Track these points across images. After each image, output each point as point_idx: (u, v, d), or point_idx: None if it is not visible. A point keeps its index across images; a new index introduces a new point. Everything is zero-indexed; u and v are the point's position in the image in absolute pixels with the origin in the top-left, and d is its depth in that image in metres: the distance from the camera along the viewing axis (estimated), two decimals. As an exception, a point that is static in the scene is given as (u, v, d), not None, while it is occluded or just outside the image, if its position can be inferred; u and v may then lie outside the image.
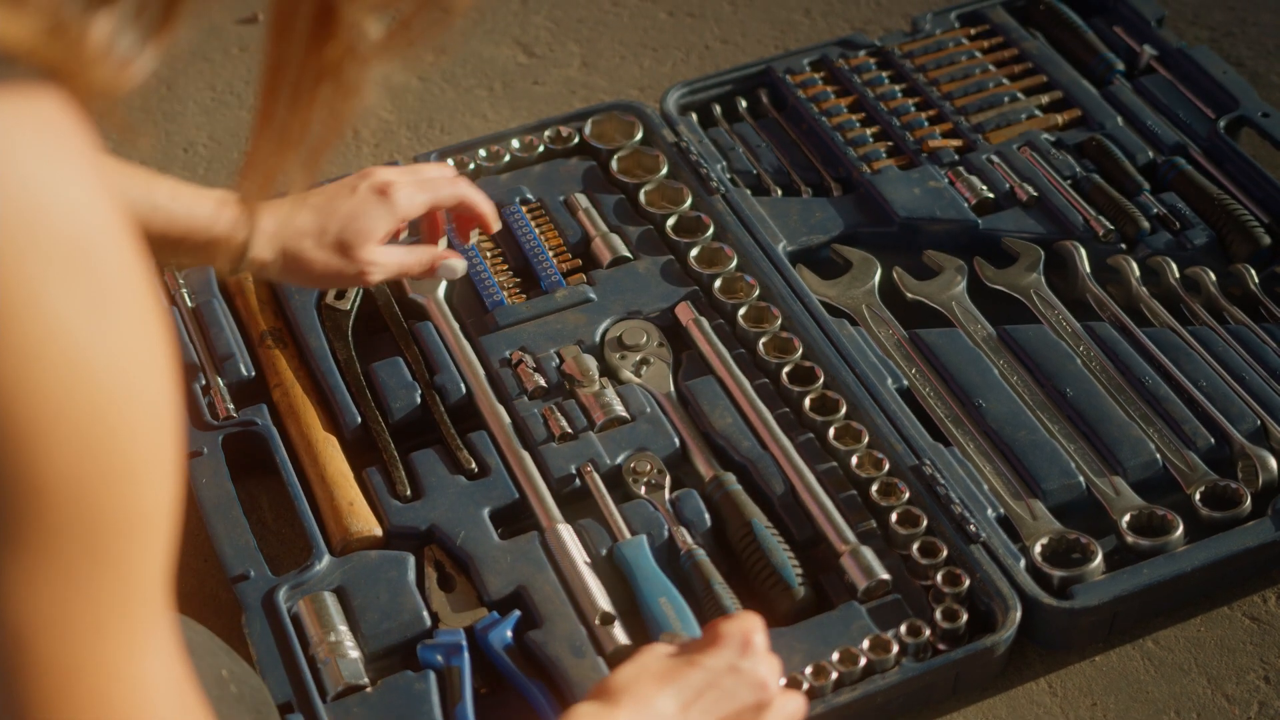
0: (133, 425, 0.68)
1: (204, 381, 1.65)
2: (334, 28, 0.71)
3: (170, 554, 0.72)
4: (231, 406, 1.63)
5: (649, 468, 1.58)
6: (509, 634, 1.44)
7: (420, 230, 1.63)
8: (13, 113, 0.64)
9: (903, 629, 1.43)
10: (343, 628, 1.44)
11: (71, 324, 0.65)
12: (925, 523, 1.51)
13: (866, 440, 1.59)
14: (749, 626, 1.23)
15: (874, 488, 1.54)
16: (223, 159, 2.05)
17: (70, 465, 0.65)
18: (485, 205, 1.60)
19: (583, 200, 1.86)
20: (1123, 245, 1.80)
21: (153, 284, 0.71)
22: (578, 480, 1.58)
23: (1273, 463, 1.56)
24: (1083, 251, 1.78)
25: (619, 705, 1.14)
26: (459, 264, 1.60)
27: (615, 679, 1.17)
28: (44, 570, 0.66)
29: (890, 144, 1.94)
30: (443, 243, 1.63)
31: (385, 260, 1.52)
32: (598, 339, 1.71)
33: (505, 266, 1.79)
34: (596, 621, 1.44)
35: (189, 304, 1.72)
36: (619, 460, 1.59)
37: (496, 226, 1.63)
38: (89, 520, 0.67)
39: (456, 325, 1.72)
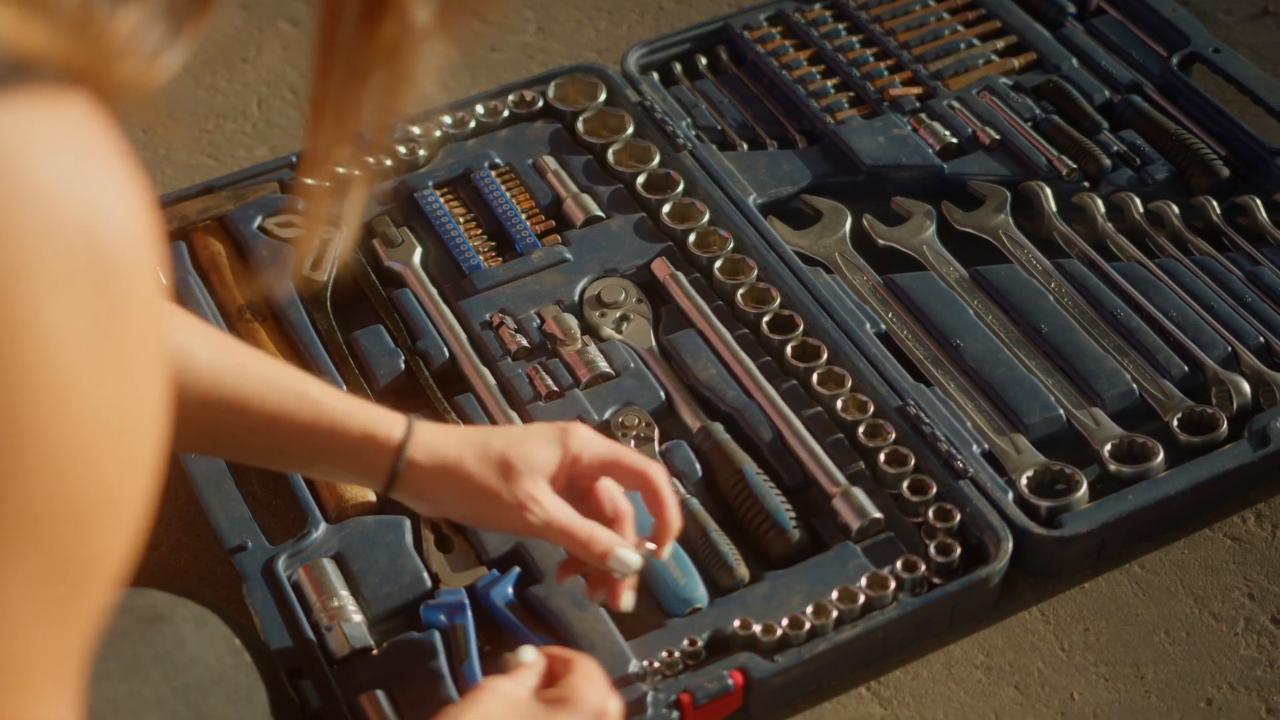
0: (110, 467, 0.63)
1: (186, 358, 1.64)
2: (386, 6, 0.69)
3: (109, 605, 0.67)
4: (215, 381, 1.62)
5: (637, 421, 1.59)
6: (510, 590, 1.45)
7: (590, 502, 1.35)
8: (33, 118, 0.60)
9: (899, 565, 1.45)
10: (344, 593, 1.44)
11: (69, 348, 0.60)
12: (913, 461, 1.54)
13: (850, 384, 1.61)
14: (605, 697, 1.17)
15: (860, 430, 1.57)
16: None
17: (34, 498, 0.60)
18: (673, 512, 1.34)
19: (551, 162, 1.86)
20: (1086, 183, 1.83)
21: (165, 306, 0.66)
22: (567, 437, 1.59)
23: (1246, 387, 1.59)
24: (1048, 191, 1.81)
25: None
26: (632, 559, 1.30)
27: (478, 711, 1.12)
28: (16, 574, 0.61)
29: (852, 94, 1.96)
30: (629, 531, 1.34)
31: (549, 505, 1.28)
32: (576, 298, 1.72)
33: (479, 231, 1.80)
34: (597, 574, 1.45)
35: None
36: (606, 415, 1.60)
37: (666, 552, 1.36)
38: (43, 559, 0.61)
39: (435, 291, 1.72)
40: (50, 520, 0.61)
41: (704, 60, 2.03)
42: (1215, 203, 1.79)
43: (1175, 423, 1.57)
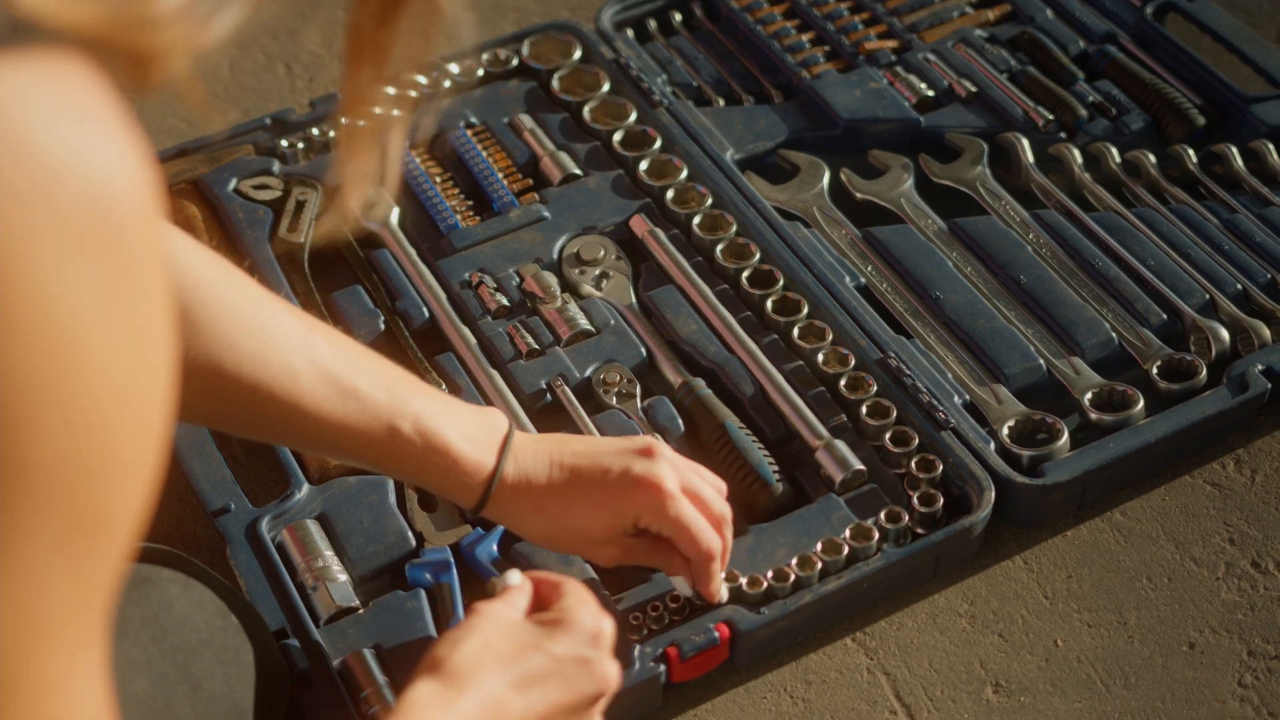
0: (122, 425, 0.63)
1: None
2: None
3: (127, 559, 0.67)
4: (194, 345, 1.61)
5: (619, 378, 1.59)
6: (495, 548, 1.45)
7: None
8: (33, 78, 0.59)
9: (882, 516, 1.45)
10: (328, 553, 1.44)
11: (74, 307, 0.60)
12: (895, 413, 1.54)
13: (830, 338, 1.61)
14: (599, 618, 1.16)
15: (842, 383, 1.57)
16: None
17: (49, 459, 0.60)
18: (728, 554, 1.33)
19: (527, 121, 1.85)
20: (1062, 134, 1.83)
21: (170, 269, 0.65)
22: (549, 395, 1.59)
23: (1224, 334, 1.60)
24: (1025, 142, 1.81)
25: (462, 692, 1.07)
26: (684, 588, 1.36)
27: (456, 657, 1.08)
28: (3, 571, 0.61)
29: (827, 49, 1.95)
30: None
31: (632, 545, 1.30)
32: (555, 256, 1.72)
33: (456, 190, 1.79)
34: (581, 530, 1.45)
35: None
36: (588, 373, 1.60)
37: (718, 598, 1.36)
38: (60, 518, 0.62)
39: (413, 251, 1.72)
40: (64, 479, 0.61)
41: (679, 16, 2.02)
42: (1191, 151, 1.79)
43: (1155, 370, 1.58)
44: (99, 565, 0.65)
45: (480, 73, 1.92)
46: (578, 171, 1.80)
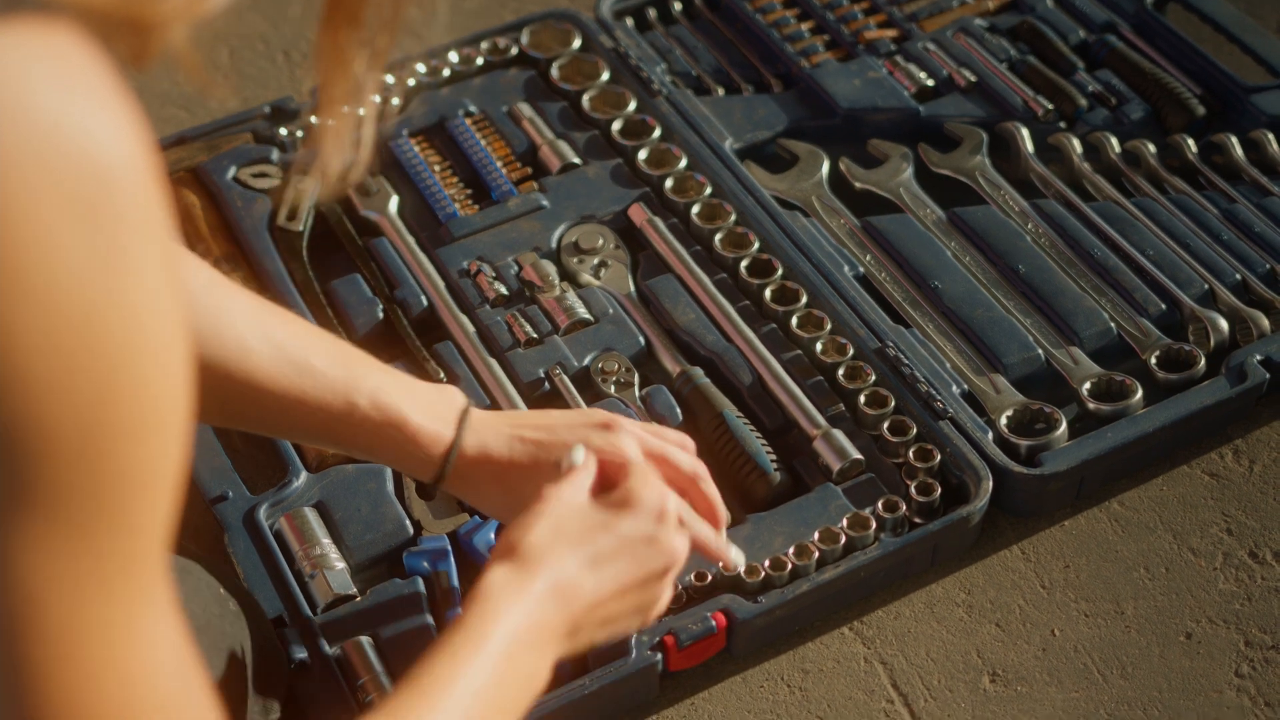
0: (143, 379, 0.64)
1: (162, 310, 1.63)
2: None
3: (175, 508, 0.69)
4: (192, 333, 1.61)
5: (617, 367, 1.59)
6: (493, 536, 1.45)
7: None
8: (31, 43, 0.60)
9: (879, 505, 1.46)
10: (326, 541, 1.44)
11: (84, 268, 0.61)
12: (893, 403, 1.54)
13: (829, 327, 1.61)
14: (664, 495, 1.16)
15: (840, 372, 1.57)
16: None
17: (77, 420, 0.62)
18: (721, 511, 1.29)
19: (526, 109, 1.85)
20: (1062, 124, 1.83)
21: (171, 227, 0.67)
22: (547, 384, 1.59)
23: (1223, 324, 1.60)
24: (1024, 132, 1.81)
25: (535, 574, 1.08)
26: (739, 556, 1.30)
27: (529, 540, 1.09)
28: (51, 530, 0.64)
29: (827, 38, 1.95)
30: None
31: None
32: (554, 245, 1.72)
33: (455, 179, 1.79)
34: (579, 518, 1.45)
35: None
36: (586, 361, 1.60)
37: (729, 562, 1.30)
38: (96, 477, 0.64)
39: (412, 239, 1.72)
40: (93, 439, 0.63)
41: (678, 5, 2.02)
42: (1191, 141, 1.79)
43: (1153, 360, 1.58)
44: (146, 516, 0.67)
45: (479, 61, 1.92)
46: (576, 160, 1.80)
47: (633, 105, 1.85)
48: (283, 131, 1.80)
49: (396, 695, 0.99)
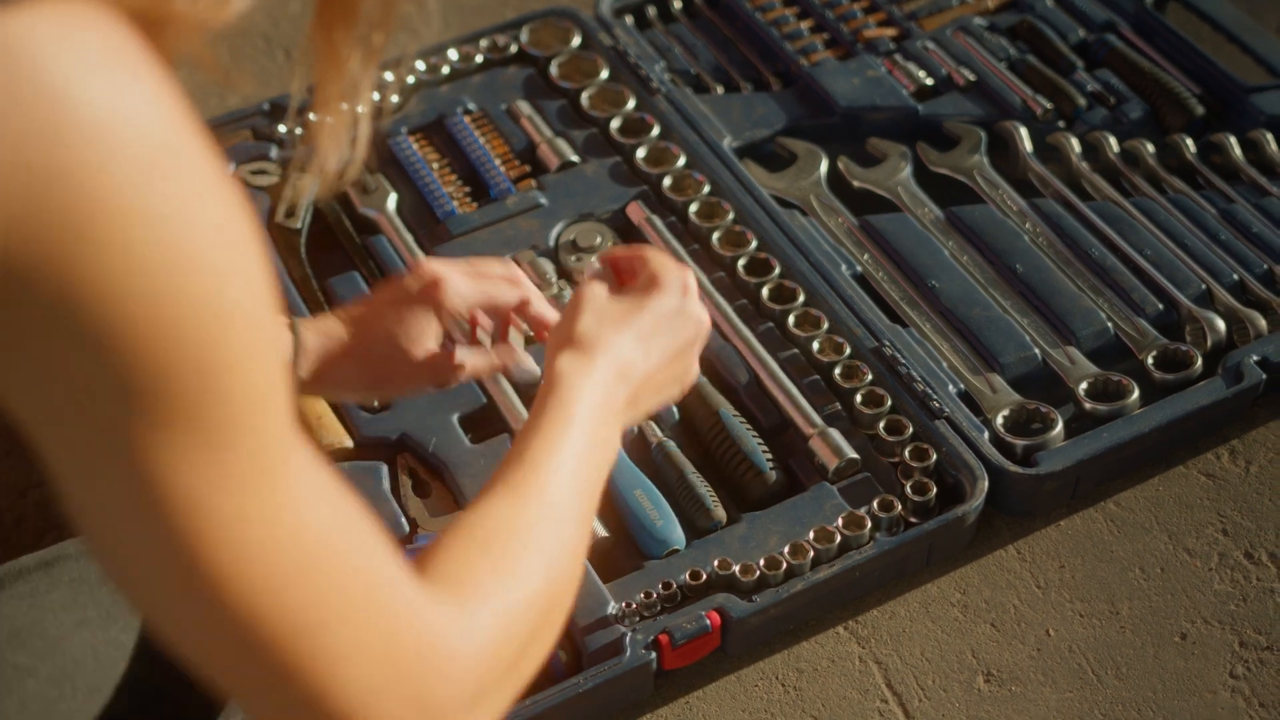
0: (235, 300, 0.71)
1: (160, 306, 1.63)
2: None
3: (286, 385, 0.76)
4: (190, 330, 1.62)
5: (614, 365, 1.59)
6: (489, 535, 1.45)
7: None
8: (73, 26, 0.66)
9: (875, 505, 1.46)
10: (322, 539, 1.44)
11: (170, 222, 0.68)
12: (889, 402, 1.54)
13: (826, 326, 1.61)
14: (681, 272, 1.25)
15: (837, 371, 1.57)
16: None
17: (189, 347, 0.69)
18: (549, 313, 1.35)
19: (525, 107, 1.85)
20: (1061, 123, 1.83)
21: (225, 168, 0.72)
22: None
23: (1220, 324, 1.60)
24: (1023, 131, 1.81)
25: (595, 355, 1.16)
26: (532, 364, 1.39)
27: (579, 328, 1.18)
28: (192, 444, 0.71)
29: (826, 36, 1.95)
30: (518, 341, 1.37)
31: (467, 362, 1.34)
32: (551, 243, 1.72)
33: (453, 177, 1.79)
34: (574, 517, 1.46)
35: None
36: (583, 360, 1.60)
37: (552, 318, 1.36)
38: (217, 390, 0.71)
39: (410, 237, 1.72)
40: (211, 362, 0.70)
41: (678, 3, 2.02)
42: (1190, 141, 1.79)
43: (1150, 360, 1.58)
44: (270, 411, 0.74)
45: (479, 59, 1.92)
46: (575, 158, 1.80)
47: (632, 103, 1.85)
48: (281, 129, 1.81)
49: (504, 472, 1.04)
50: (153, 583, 0.75)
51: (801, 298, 1.64)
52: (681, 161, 1.78)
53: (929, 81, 1.87)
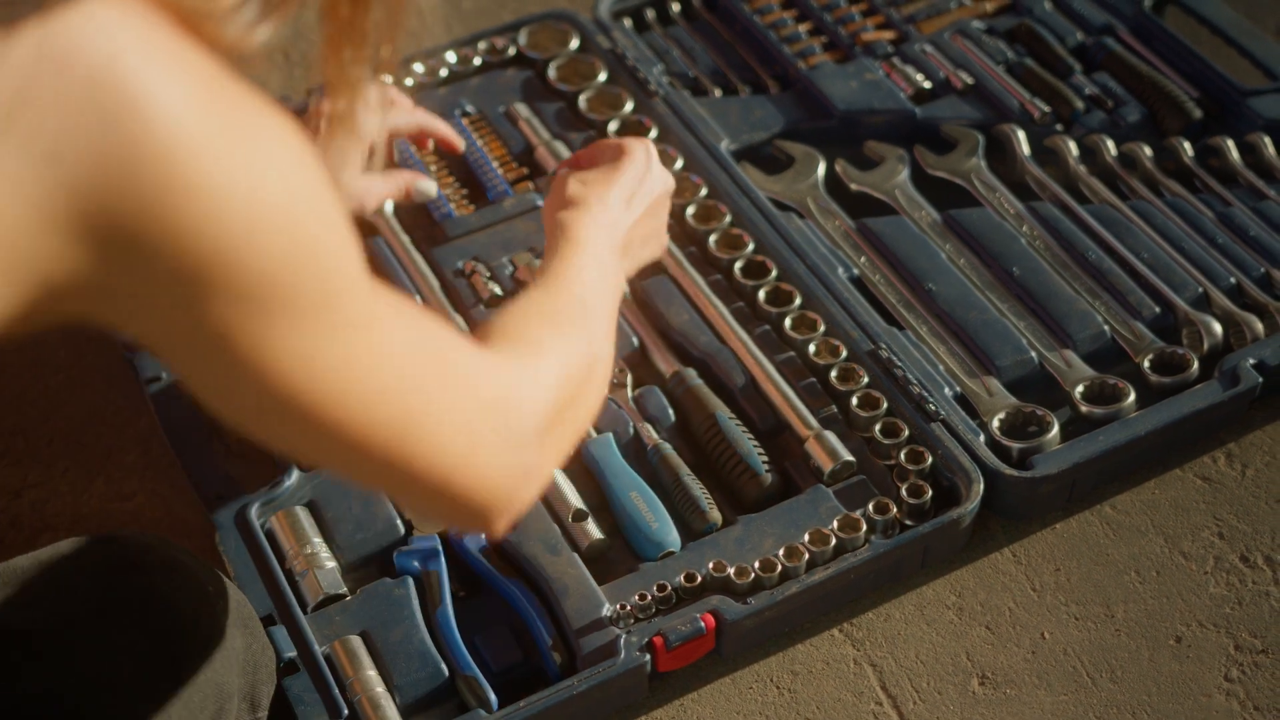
0: (309, 201, 0.83)
1: (157, 308, 1.64)
2: None
3: (360, 252, 0.89)
4: (187, 331, 1.62)
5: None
6: (484, 537, 1.45)
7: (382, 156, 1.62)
8: (125, 18, 0.75)
9: (870, 507, 1.46)
10: (317, 540, 1.45)
11: (230, 155, 0.78)
12: (885, 405, 1.54)
13: (822, 329, 1.61)
14: (641, 141, 1.42)
15: (833, 374, 1.57)
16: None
17: (280, 249, 0.82)
18: (444, 128, 1.63)
19: (523, 110, 1.86)
20: (1059, 126, 1.83)
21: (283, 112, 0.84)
22: (540, 384, 1.59)
23: (1217, 327, 1.60)
24: (1020, 134, 1.81)
25: (587, 205, 1.33)
26: (430, 185, 1.64)
27: (568, 193, 1.35)
28: (298, 321, 0.85)
29: (824, 39, 1.95)
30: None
31: (373, 189, 1.57)
32: (549, 245, 1.72)
33: (451, 179, 1.79)
34: (569, 519, 1.46)
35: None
36: (579, 362, 1.60)
37: (460, 146, 1.66)
38: (313, 277, 0.84)
39: (407, 239, 1.72)
40: (303, 264, 0.83)
41: (677, 6, 2.02)
42: (1188, 144, 1.79)
43: (1146, 364, 1.58)
44: (356, 287, 0.88)
45: (477, 62, 1.92)
46: (573, 161, 1.80)
47: (629, 106, 1.85)
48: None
49: (535, 283, 1.23)
50: (290, 433, 0.91)
51: (798, 300, 1.64)
52: (679, 164, 1.78)
53: (927, 85, 1.87)
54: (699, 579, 1.41)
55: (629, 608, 1.39)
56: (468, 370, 1.01)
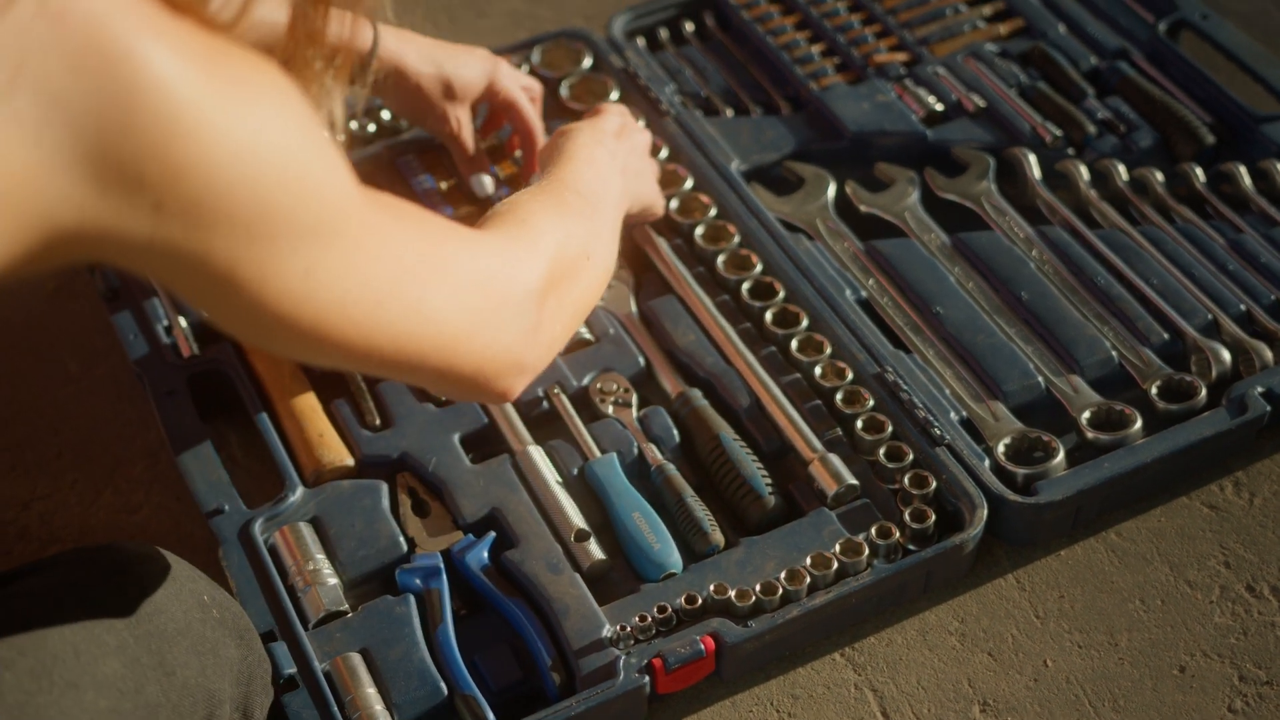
0: (305, 143, 0.92)
1: (166, 322, 1.64)
2: None
3: (347, 166, 0.99)
4: (195, 346, 1.63)
5: (616, 387, 1.59)
6: (485, 555, 1.45)
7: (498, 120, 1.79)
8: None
9: (873, 531, 1.45)
10: (320, 556, 1.45)
11: (223, 110, 0.87)
12: (890, 428, 1.54)
13: (829, 351, 1.61)
14: (614, 106, 1.62)
15: (838, 396, 1.57)
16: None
17: (283, 186, 0.91)
18: (539, 129, 1.74)
19: (535, 128, 1.86)
20: (1070, 150, 1.83)
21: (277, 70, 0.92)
22: (545, 403, 1.59)
23: (1225, 355, 1.59)
24: (1032, 158, 1.80)
25: (579, 130, 1.51)
26: (488, 181, 1.75)
27: (558, 131, 1.53)
28: (301, 244, 0.94)
29: (837, 61, 1.95)
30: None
31: (465, 122, 1.70)
32: (557, 264, 1.72)
33: (460, 196, 1.79)
34: (571, 538, 1.46)
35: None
36: (585, 381, 1.60)
37: (539, 141, 1.74)
38: (309, 206, 0.93)
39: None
40: (300, 200, 0.93)
41: (690, 26, 2.02)
42: (1199, 170, 1.78)
43: (1154, 390, 1.57)
44: (346, 206, 0.98)
45: (490, 79, 1.92)
46: (583, 179, 1.80)
47: (641, 124, 1.85)
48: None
49: (534, 185, 1.37)
50: (302, 345, 1.01)
51: (805, 322, 1.64)
52: (689, 184, 1.78)
53: (939, 107, 1.87)
54: (700, 601, 1.41)
55: (629, 629, 1.39)
56: (463, 254, 1.09)
